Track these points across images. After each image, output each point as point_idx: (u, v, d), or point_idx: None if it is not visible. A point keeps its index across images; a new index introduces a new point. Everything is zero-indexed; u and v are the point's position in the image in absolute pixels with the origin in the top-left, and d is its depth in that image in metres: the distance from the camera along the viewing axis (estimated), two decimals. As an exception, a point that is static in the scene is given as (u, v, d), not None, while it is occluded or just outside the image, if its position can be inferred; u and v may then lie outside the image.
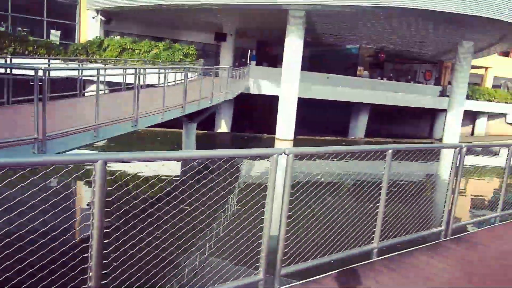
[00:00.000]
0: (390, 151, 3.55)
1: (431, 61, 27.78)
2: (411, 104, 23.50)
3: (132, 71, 8.35)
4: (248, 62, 23.15)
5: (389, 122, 27.07)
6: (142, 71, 8.67)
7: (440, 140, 23.08)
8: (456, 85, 20.26)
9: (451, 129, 20.50)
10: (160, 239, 3.29)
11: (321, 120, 22.36)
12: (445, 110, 22.17)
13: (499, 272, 3.63)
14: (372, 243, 3.69)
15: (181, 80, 11.09)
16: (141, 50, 17.53)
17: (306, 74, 18.91)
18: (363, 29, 19.07)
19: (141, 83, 8.00)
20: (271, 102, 18.60)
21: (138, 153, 2.30)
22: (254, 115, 21.30)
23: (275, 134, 17.74)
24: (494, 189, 12.97)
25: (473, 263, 3.72)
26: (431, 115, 26.78)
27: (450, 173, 4.24)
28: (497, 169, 16.76)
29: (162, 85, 9.25)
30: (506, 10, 15.61)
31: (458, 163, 4.17)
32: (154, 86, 11.93)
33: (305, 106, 18.19)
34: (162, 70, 11.29)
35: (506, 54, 44.09)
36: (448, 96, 22.46)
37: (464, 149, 4.17)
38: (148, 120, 7.84)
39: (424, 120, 27.43)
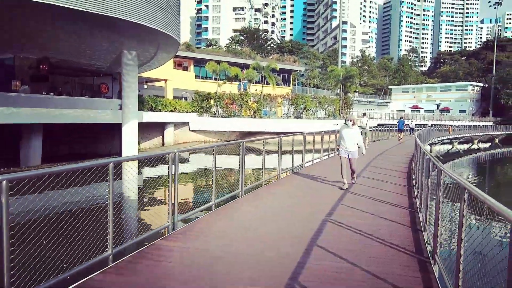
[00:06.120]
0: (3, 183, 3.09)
1: (108, 74, 29.57)
2: (91, 121, 24.01)
3: None
4: None
5: (74, 142, 26.84)
6: None
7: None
8: (127, 97, 22.37)
9: (128, 142, 22.53)
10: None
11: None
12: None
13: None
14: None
15: None
16: None
17: None
18: (15, 33, 17.92)
19: None
20: None
21: None
22: None
23: None
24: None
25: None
26: (120, 130, 28.52)
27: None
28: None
29: None
30: (158, 18, 18.54)
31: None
32: None
33: None
34: None
35: (185, 68, 53.39)
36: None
37: (111, 165, 4.46)
38: None
39: (115, 135, 28.83)
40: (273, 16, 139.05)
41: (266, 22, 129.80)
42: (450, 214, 7.95)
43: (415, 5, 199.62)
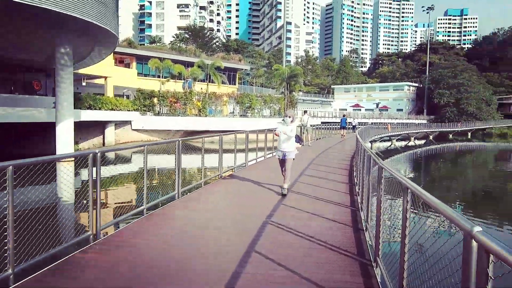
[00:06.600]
0: None
1: (42, 70, 27.54)
2: (21, 120, 22.19)
3: None
4: None
5: (6, 143, 24.69)
6: None
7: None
8: (61, 95, 20.84)
9: (64, 142, 21.04)
10: None
11: None
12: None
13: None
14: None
15: None
16: None
17: None
18: None
19: None
20: None
21: None
22: None
23: None
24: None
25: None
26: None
27: None
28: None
29: None
30: (93, 11, 17.32)
31: None
32: None
33: None
34: None
35: (127, 65, 51.28)
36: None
37: (10, 168, 3.87)
38: None
39: (51, 135, 26.91)
40: (218, 14, 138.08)
41: (211, 20, 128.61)
42: (392, 212, 7.91)
43: (355, 8, 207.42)
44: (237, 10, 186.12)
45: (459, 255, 1.93)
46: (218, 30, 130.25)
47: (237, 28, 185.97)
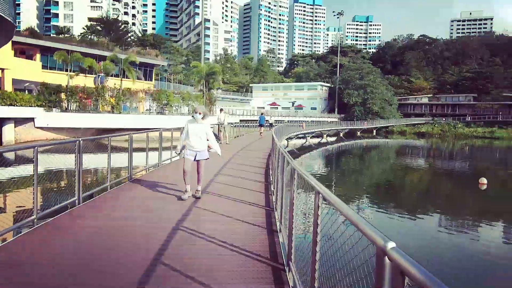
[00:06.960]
0: None
1: None
2: None
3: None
4: None
5: None
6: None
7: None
8: None
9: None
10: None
11: None
12: None
13: None
14: None
15: None
16: None
17: None
18: None
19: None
20: None
21: None
22: None
23: None
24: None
25: None
26: None
27: None
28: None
29: None
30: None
31: None
32: None
33: None
34: None
35: (30, 57, 46.60)
36: None
37: None
38: None
39: None
40: (133, 7, 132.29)
41: (126, 13, 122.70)
42: (307, 212, 7.94)
43: (272, 9, 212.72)
44: (153, 4, 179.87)
45: (371, 272, 1.77)
46: (134, 24, 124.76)
47: (153, 22, 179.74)
